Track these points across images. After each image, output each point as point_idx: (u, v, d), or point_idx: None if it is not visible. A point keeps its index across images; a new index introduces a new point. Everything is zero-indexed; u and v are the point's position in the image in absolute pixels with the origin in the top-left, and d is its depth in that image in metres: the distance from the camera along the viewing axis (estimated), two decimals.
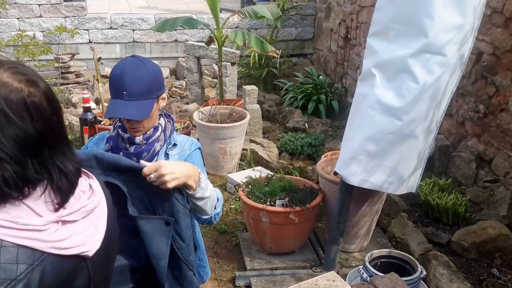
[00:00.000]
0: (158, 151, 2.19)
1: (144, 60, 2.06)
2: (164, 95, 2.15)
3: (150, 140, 2.15)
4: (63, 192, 1.13)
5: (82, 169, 1.24)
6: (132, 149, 2.11)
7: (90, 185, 1.25)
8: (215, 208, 2.00)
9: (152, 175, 1.67)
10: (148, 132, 2.13)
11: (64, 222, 1.13)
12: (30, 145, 1.08)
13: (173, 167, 1.71)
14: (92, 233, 1.20)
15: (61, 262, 1.11)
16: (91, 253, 1.17)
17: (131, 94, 1.99)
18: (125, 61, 2.04)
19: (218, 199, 2.03)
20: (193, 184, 1.78)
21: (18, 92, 1.06)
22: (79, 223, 1.16)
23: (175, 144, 2.22)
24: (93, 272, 1.21)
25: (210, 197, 1.91)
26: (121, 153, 2.10)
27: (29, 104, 1.07)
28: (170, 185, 1.68)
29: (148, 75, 2.03)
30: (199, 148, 2.27)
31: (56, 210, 1.12)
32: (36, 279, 1.05)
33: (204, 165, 2.30)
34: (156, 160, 2.15)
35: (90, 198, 1.22)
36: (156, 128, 2.17)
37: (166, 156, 2.20)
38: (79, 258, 1.16)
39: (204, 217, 1.98)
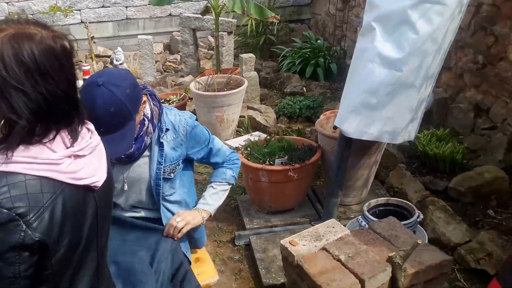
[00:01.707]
0: (150, 143, 2.12)
1: (112, 87, 1.82)
2: (144, 98, 2.00)
3: (139, 137, 2.05)
4: (77, 133, 1.28)
5: None
6: None
7: (88, 128, 1.38)
8: (233, 176, 2.42)
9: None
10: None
11: (76, 156, 1.27)
12: (74, 90, 1.27)
13: (180, 223, 2.19)
14: (98, 167, 1.35)
15: (76, 192, 1.25)
16: (99, 183, 1.33)
17: (108, 130, 1.81)
18: (91, 94, 1.81)
19: (233, 168, 2.41)
20: (199, 223, 2.29)
21: (59, 43, 1.21)
22: (87, 158, 1.30)
23: (167, 129, 2.14)
24: (99, 203, 1.36)
25: (223, 197, 2.44)
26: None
27: (68, 54, 1.24)
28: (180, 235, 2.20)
29: (120, 104, 1.83)
30: (195, 123, 2.21)
31: (69, 147, 1.25)
32: (59, 207, 1.20)
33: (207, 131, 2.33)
34: (151, 152, 2.16)
35: (92, 137, 1.36)
36: (142, 123, 2.05)
37: (161, 145, 2.13)
38: (88, 190, 1.30)
39: None
